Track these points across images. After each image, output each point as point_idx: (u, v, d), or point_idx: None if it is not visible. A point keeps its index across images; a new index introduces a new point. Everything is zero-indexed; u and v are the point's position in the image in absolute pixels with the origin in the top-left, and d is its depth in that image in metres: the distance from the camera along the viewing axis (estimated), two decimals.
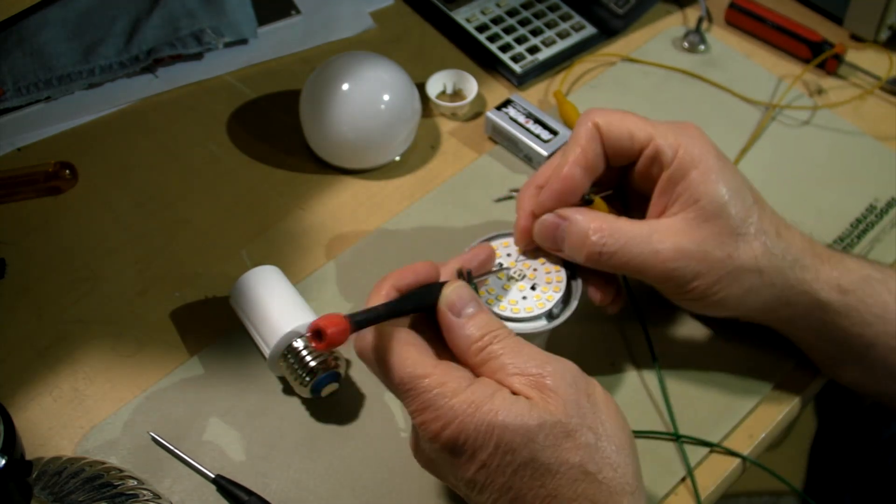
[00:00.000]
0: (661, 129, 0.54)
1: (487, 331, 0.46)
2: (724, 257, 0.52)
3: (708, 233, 0.52)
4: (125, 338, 0.61)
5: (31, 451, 0.43)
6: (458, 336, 0.46)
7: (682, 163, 0.53)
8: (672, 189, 0.53)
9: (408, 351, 0.45)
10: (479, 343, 0.46)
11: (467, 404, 0.43)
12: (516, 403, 0.43)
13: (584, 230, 0.53)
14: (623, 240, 0.53)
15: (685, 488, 0.56)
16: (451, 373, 0.45)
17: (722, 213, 0.52)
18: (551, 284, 0.55)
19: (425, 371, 0.44)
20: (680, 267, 0.52)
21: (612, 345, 0.62)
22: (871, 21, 0.81)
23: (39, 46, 0.74)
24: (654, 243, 0.52)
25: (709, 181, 0.52)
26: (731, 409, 0.59)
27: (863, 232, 0.69)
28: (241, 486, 0.54)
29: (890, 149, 0.74)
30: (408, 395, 0.45)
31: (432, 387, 0.44)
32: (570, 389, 0.44)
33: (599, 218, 0.54)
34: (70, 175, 0.69)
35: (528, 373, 0.45)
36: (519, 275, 0.56)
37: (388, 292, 0.48)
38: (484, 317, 0.47)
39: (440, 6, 0.82)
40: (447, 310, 0.47)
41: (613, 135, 0.55)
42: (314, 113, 0.69)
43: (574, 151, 0.55)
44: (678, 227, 0.53)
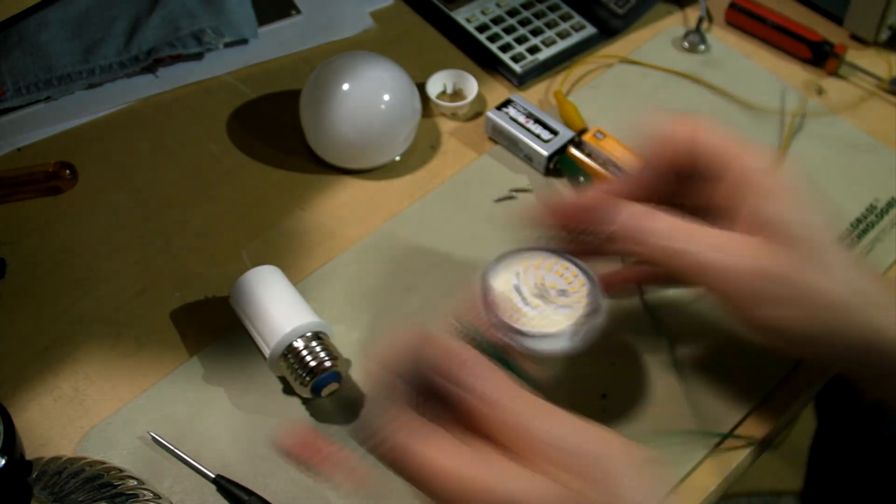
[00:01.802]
0: (750, 150, 0.51)
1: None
2: (810, 285, 0.48)
3: (795, 259, 0.48)
4: (125, 338, 0.61)
5: (31, 451, 0.43)
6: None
7: (770, 186, 0.49)
8: (755, 210, 0.49)
9: (441, 458, 0.40)
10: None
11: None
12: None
13: (663, 223, 0.50)
14: (697, 242, 0.49)
15: (690, 484, 0.56)
16: (492, 471, 0.39)
17: (808, 240, 0.49)
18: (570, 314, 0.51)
19: (470, 477, 0.39)
20: (752, 283, 0.48)
21: (611, 343, 0.62)
22: (872, 21, 0.81)
23: (39, 46, 0.74)
24: (731, 253, 0.49)
25: (794, 207, 0.49)
26: (735, 405, 0.59)
27: (863, 232, 0.69)
28: (241, 486, 0.54)
29: (890, 149, 0.74)
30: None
31: (479, 494, 0.39)
32: (594, 476, 0.39)
33: (676, 215, 0.50)
34: (70, 175, 0.69)
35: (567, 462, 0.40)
36: (539, 290, 0.52)
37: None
38: None
39: (440, 6, 0.82)
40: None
41: (709, 150, 0.51)
42: (314, 113, 0.69)
43: (663, 152, 0.51)
44: (760, 247, 0.48)
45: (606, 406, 0.59)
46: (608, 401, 0.59)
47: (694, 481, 0.56)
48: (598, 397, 0.59)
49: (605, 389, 0.60)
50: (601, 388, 0.60)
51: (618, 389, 0.60)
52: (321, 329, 0.57)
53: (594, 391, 0.59)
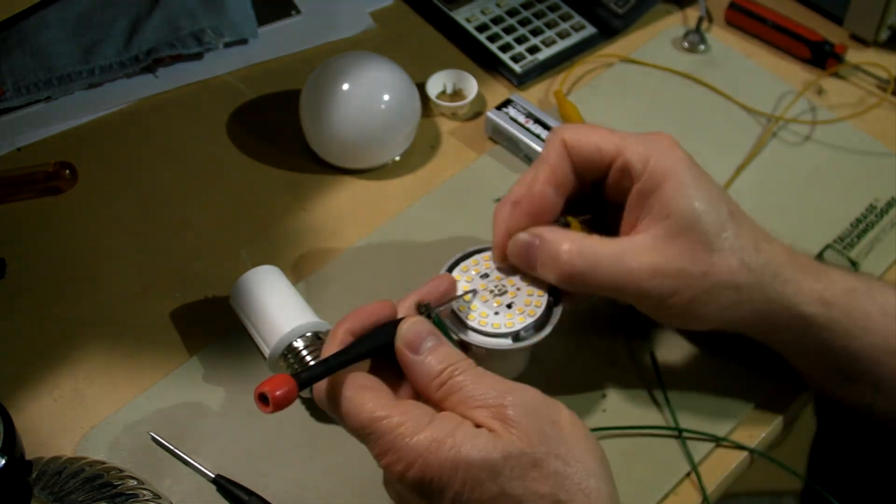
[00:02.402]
0: (631, 141, 0.53)
1: (447, 364, 0.45)
2: (699, 274, 0.51)
3: (681, 249, 0.51)
4: (125, 338, 0.61)
5: (31, 451, 0.43)
6: (418, 373, 0.46)
7: (653, 175, 0.52)
8: (643, 203, 0.52)
9: (363, 395, 0.45)
10: (439, 378, 0.45)
11: (429, 442, 0.42)
12: (479, 437, 0.43)
13: (554, 250, 0.52)
14: (594, 259, 0.52)
15: (690, 484, 0.56)
16: (410, 411, 0.44)
17: (695, 227, 0.51)
18: (528, 307, 0.54)
19: (383, 413, 0.44)
20: (655, 286, 0.51)
21: (611, 343, 0.62)
22: (871, 21, 0.81)
23: (39, 46, 0.74)
24: (627, 262, 0.51)
25: (680, 195, 0.51)
26: (733, 407, 0.59)
27: (863, 232, 0.69)
28: (241, 486, 0.54)
29: (890, 149, 0.74)
30: (369, 440, 0.44)
31: (392, 428, 0.43)
32: (532, 418, 0.43)
33: (571, 237, 0.52)
34: (70, 175, 0.69)
35: (489, 404, 0.44)
36: (499, 290, 0.55)
37: (342, 338, 0.47)
38: (443, 350, 0.46)
39: (440, 6, 0.82)
40: (404, 348, 0.46)
41: (582, 150, 0.54)
42: (314, 113, 0.69)
43: (543, 170, 0.54)
44: (650, 243, 0.52)
45: (607, 406, 0.59)
46: (608, 401, 0.59)
47: (694, 482, 0.56)
48: (598, 397, 0.59)
49: (605, 389, 0.60)
50: (601, 389, 0.60)
51: (618, 389, 0.60)
52: (321, 329, 0.57)
53: (594, 391, 0.59)
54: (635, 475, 0.56)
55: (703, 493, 0.55)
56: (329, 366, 0.45)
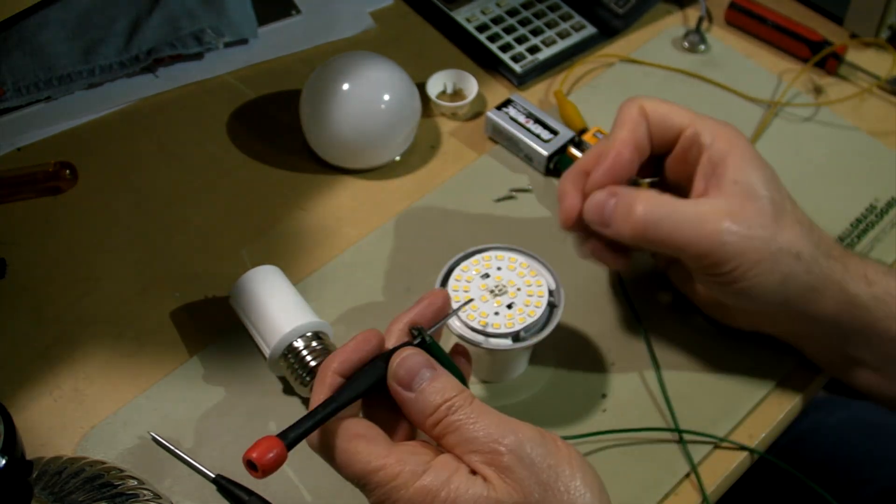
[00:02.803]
0: (700, 117, 0.57)
1: (442, 401, 0.44)
2: (767, 237, 0.53)
3: (751, 213, 0.53)
4: (125, 338, 0.61)
5: (31, 451, 0.43)
6: (413, 411, 0.45)
7: (721, 147, 0.55)
8: (713, 171, 0.55)
9: (356, 444, 0.44)
10: (434, 416, 0.44)
11: (424, 493, 0.42)
12: (473, 487, 0.42)
13: (631, 202, 0.54)
14: (668, 210, 0.54)
15: (689, 484, 0.56)
16: (405, 460, 0.43)
17: (762, 195, 0.53)
18: (528, 308, 0.55)
19: (378, 463, 0.43)
20: (725, 241, 0.52)
21: (611, 344, 0.62)
22: (871, 21, 0.81)
23: (39, 46, 0.74)
24: (701, 216, 0.53)
25: (748, 165, 0.54)
26: (733, 407, 0.59)
27: (863, 232, 0.69)
28: (241, 486, 0.54)
29: (890, 148, 0.74)
30: (365, 490, 0.44)
31: (387, 480, 0.43)
32: (527, 466, 0.43)
33: (645, 193, 0.55)
34: (70, 175, 0.69)
35: (484, 450, 0.43)
36: (499, 290, 0.56)
37: (331, 381, 0.46)
38: (438, 384, 0.45)
39: (440, 6, 0.82)
40: (397, 386, 0.45)
41: (657, 117, 0.57)
42: (314, 113, 0.69)
43: (622, 132, 0.57)
44: (722, 204, 0.54)
45: (607, 406, 0.59)
46: (608, 401, 0.59)
47: (693, 482, 0.56)
48: (598, 397, 0.59)
49: (605, 389, 0.60)
50: (601, 389, 0.60)
51: (618, 389, 0.60)
52: (321, 329, 0.57)
53: (594, 391, 0.59)
54: (635, 475, 0.56)
55: (703, 493, 0.55)
56: (317, 419, 0.44)
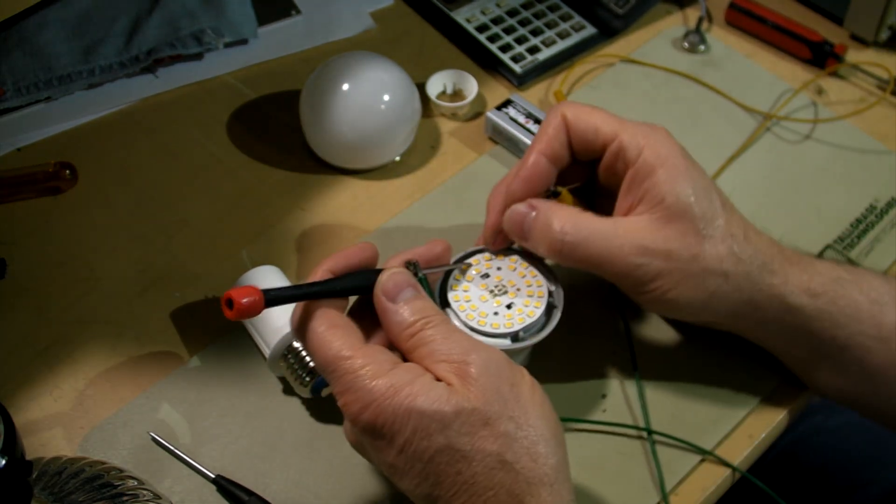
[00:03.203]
0: (629, 126, 0.55)
1: (421, 316, 0.47)
2: (688, 258, 0.52)
3: (673, 232, 0.52)
4: (125, 338, 0.61)
5: (31, 451, 0.43)
6: (391, 321, 0.47)
7: (648, 161, 0.53)
8: (638, 187, 0.53)
9: (332, 332, 0.46)
10: (410, 328, 0.46)
11: (386, 387, 0.44)
12: (435, 389, 0.44)
13: (548, 220, 0.53)
14: (586, 232, 0.53)
15: (688, 484, 0.56)
16: (374, 355, 0.45)
17: (687, 212, 0.52)
18: (528, 308, 0.55)
19: (348, 353, 0.45)
20: (643, 264, 0.52)
21: (611, 344, 0.62)
22: (871, 21, 0.81)
23: (39, 46, 0.74)
24: (618, 238, 0.52)
25: (674, 180, 0.52)
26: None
27: (863, 232, 0.69)
28: (241, 486, 0.54)
29: (890, 149, 0.74)
30: (331, 376, 0.46)
31: (354, 369, 0.45)
32: (492, 378, 0.45)
33: (565, 210, 0.54)
34: (70, 175, 0.69)
35: (453, 359, 0.45)
36: (499, 290, 0.56)
37: (322, 275, 0.48)
38: (419, 303, 0.47)
39: (440, 6, 0.82)
40: (381, 294, 0.48)
41: (580, 127, 0.55)
42: (314, 113, 0.69)
43: (540, 141, 0.56)
44: (643, 225, 0.53)
45: (607, 406, 0.59)
46: (608, 401, 0.59)
47: (692, 482, 0.56)
48: (598, 397, 0.59)
49: (606, 389, 0.60)
50: (601, 389, 0.60)
51: (618, 390, 0.60)
52: None
53: (594, 391, 0.59)
54: (635, 475, 0.56)
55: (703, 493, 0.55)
56: (301, 291, 0.46)
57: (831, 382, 0.57)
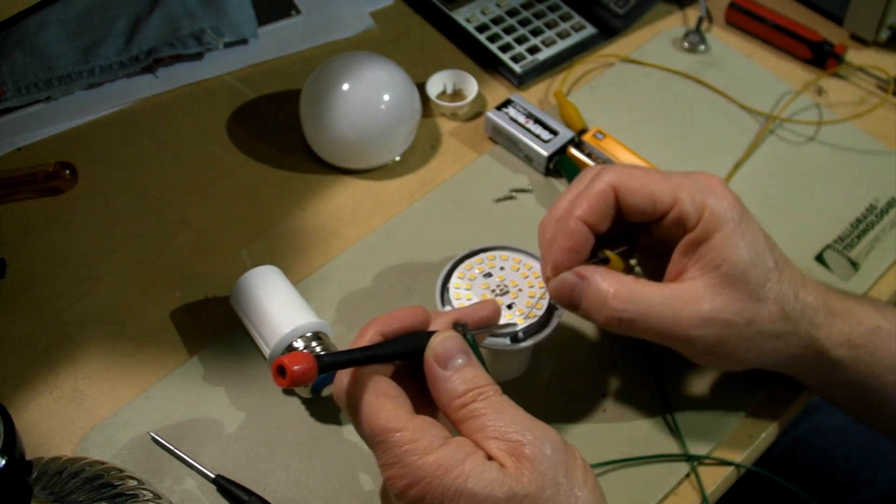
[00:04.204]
0: (686, 187, 0.53)
1: (473, 386, 0.44)
2: (744, 323, 0.52)
3: (729, 299, 0.51)
4: (125, 338, 0.61)
5: (31, 451, 0.43)
6: (442, 389, 0.45)
7: (707, 225, 0.52)
8: (693, 251, 0.52)
9: (382, 402, 0.44)
10: (462, 398, 0.44)
11: (437, 465, 0.42)
12: (488, 470, 0.42)
13: (603, 294, 0.52)
14: (643, 306, 0.51)
15: (689, 484, 0.56)
16: (424, 429, 0.43)
17: (743, 278, 0.51)
18: (529, 309, 0.55)
19: (398, 425, 0.43)
20: (702, 335, 0.52)
21: (611, 344, 0.62)
22: (871, 21, 0.81)
23: (39, 46, 0.74)
24: (677, 310, 0.51)
25: (731, 246, 0.51)
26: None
27: (863, 232, 0.69)
28: (241, 486, 0.54)
29: (890, 149, 0.74)
30: (378, 448, 0.44)
31: (403, 442, 0.42)
32: (547, 462, 0.42)
33: (619, 281, 0.52)
34: (70, 175, 0.69)
35: (507, 438, 0.43)
36: (501, 291, 0.56)
37: (372, 337, 0.46)
38: (471, 371, 0.45)
39: (440, 6, 0.82)
40: (433, 360, 0.45)
41: (636, 200, 0.53)
42: (314, 113, 0.69)
43: (580, 205, 0.53)
44: (700, 292, 0.52)
45: (607, 406, 0.59)
46: (608, 401, 0.59)
47: (693, 482, 0.56)
48: (598, 397, 0.59)
49: (605, 389, 0.60)
50: (601, 389, 0.60)
51: (618, 389, 0.60)
52: (321, 329, 0.57)
53: (594, 391, 0.59)
54: (636, 475, 0.56)
55: (703, 494, 0.55)
56: (353, 357, 0.44)
57: (863, 416, 0.59)
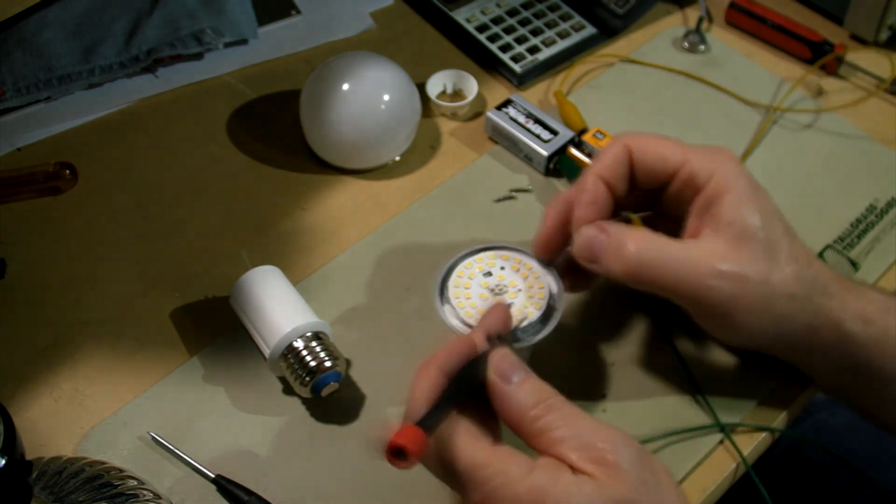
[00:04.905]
0: (696, 152, 0.54)
1: (540, 399, 0.45)
2: (759, 280, 0.52)
3: (744, 255, 0.52)
4: (125, 338, 0.61)
5: (31, 451, 0.43)
6: (511, 405, 0.45)
7: (718, 186, 0.53)
8: (706, 212, 0.53)
9: (463, 440, 0.44)
10: (534, 411, 0.44)
11: (533, 492, 0.41)
12: (583, 486, 0.42)
13: (622, 241, 0.52)
14: (661, 254, 0.52)
15: (693, 480, 0.56)
16: (510, 459, 0.43)
17: (756, 236, 0.52)
18: (527, 309, 0.55)
19: (485, 460, 0.43)
20: (717, 286, 0.51)
21: (611, 344, 0.62)
22: (871, 21, 0.81)
23: (39, 46, 0.74)
24: (695, 260, 0.52)
25: (743, 205, 0.52)
26: (731, 408, 0.59)
27: (863, 232, 0.69)
28: (241, 486, 0.54)
29: (890, 149, 0.74)
30: (468, 487, 0.43)
31: (494, 476, 0.42)
32: (631, 463, 0.43)
33: (638, 231, 0.53)
34: (70, 175, 0.69)
35: (588, 447, 0.43)
36: (500, 290, 0.56)
37: (435, 377, 0.45)
38: (534, 383, 0.45)
39: (440, 6, 0.82)
40: (498, 378, 0.45)
41: (647, 158, 0.55)
42: (314, 113, 0.69)
43: (599, 165, 0.55)
44: (715, 247, 0.52)
45: (607, 406, 0.59)
46: (608, 401, 0.59)
47: (701, 473, 0.56)
48: (598, 397, 0.59)
49: (606, 389, 0.60)
50: (601, 389, 0.60)
51: (618, 389, 0.60)
52: (321, 329, 0.57)
53: (594, 391, 0.59)
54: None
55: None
56: (444, 409, 0.44)
57: (872, 409, 0.58)
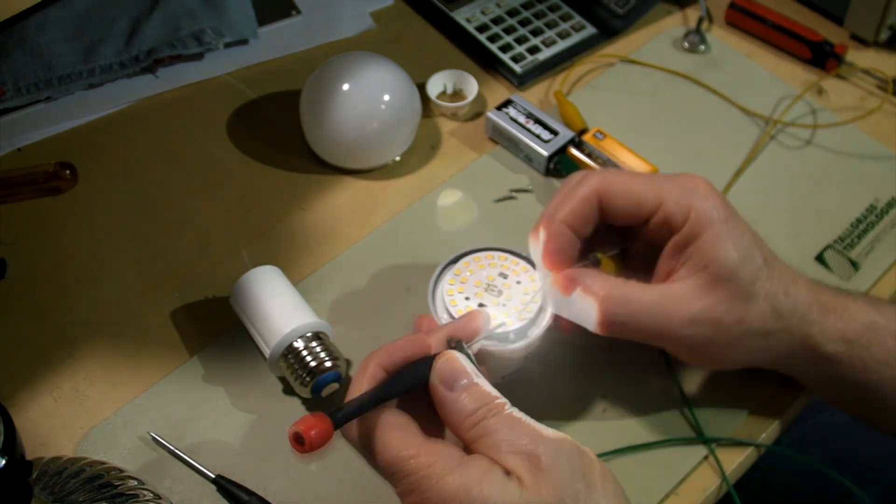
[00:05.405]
0: (671, 191, 0.53)
1: (482, 404, 0.44)
2: (734, 322, 0.52)
3: (718, 298, 0.51)
4: (125, 338, 0.61)
5: (31, 451, 0.43)
6: (451, 411, 0.45)
7: (693, 226, 0.52)
8: (681, 252, 0.53)
9: (391, 432, 0.44)
10: (472, 417, 0.44)
11: (456, 487, 0.42)
12: (506, 488, 0.42)
13: (593, 297, 0.52)
14: (635, 308, 0.52)
15: (689, 484, 0.56)
16: (438, 452, 0.43)
17: (732, 277, 0.51)
18: (520, 311, 0.55)
19: (410, 452, 0.43)
20: (692, 334, 0.52)
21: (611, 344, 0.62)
22: (872, 21, 0.81)
23: (39, 46, 0.74)
24: (667, 311, 0.52)
25: (720, 244, 0.52)
26: (731, 407, 0.59)
27: (863, 232, 0.69)
28: (241, 486, 0.54)
29: (890, 149, 0.74)
30: (394, 478, 0.44)
31: (419, 468, 0.43)
32: (564, 472, 0.42)
33: (610, 284, 0.52)
34: (70, 175, 0.69)
35: (522, 451, 0.43)
36: (494, 291, 0.56)
37: (373, 373, 0.46)
38: (479, 389, 0.45)
39: (440, 6, 0.82)
40: (439, 384, 0.45)
41: (620, 202, 0.54)
42: (314, 113, 0.69)
43: (563, 209, 0.54)
44: (689, 293, 0.52)
45: (607, 406, 0.59)
46: (608, 401, 0.59)
47: (692, 482, 0.56)
48: (598, 397, 0.59)
49: (605, 389, 0.60)
50: (601, 389, 0.60)
51: (618, 389, 0.60)
52: (321, 329, 0.57)
53: (594, 391, 0.59)
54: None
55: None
56: (364, 403, 0.44)
57: (860, 414, 0.58)
